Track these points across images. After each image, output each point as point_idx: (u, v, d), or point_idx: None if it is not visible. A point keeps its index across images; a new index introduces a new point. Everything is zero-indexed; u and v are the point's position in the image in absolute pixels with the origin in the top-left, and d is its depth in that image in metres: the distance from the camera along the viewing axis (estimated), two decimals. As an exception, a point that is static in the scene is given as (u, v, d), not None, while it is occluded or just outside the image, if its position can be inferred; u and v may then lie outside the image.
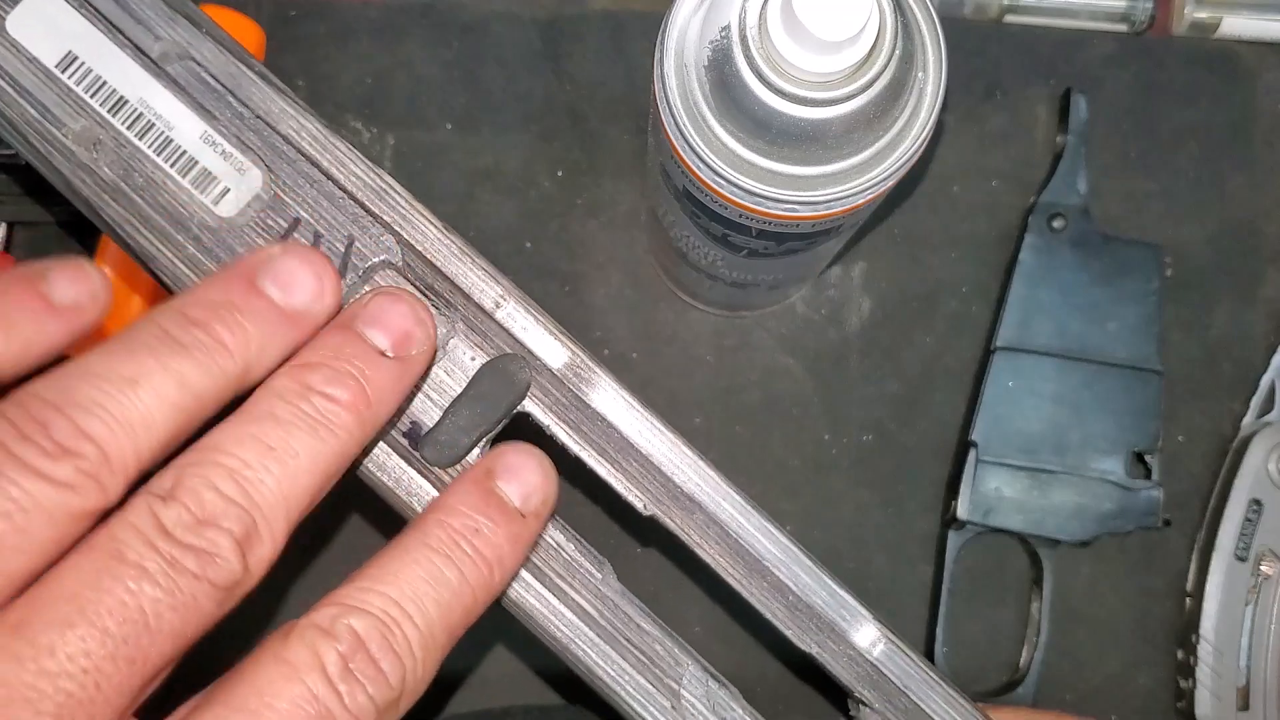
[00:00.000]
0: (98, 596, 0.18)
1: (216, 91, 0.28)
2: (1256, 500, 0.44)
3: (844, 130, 0.27)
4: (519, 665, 0.44)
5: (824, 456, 0.46)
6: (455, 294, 0.28)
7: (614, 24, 0.47)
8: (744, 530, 0.29)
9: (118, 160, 0.28)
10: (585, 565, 0.28)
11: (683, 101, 0.28)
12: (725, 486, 0.29)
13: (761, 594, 0.29)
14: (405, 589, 0.22)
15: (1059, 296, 0.45)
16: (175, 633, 0.19)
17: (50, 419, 0.19)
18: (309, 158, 0.28)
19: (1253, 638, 0.43)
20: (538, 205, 0.46)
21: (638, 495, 0.29)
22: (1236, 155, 0.48)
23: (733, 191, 0.29)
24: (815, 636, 0.29)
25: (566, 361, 0.28)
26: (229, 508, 0.20)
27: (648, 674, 0.28)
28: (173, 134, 0.28)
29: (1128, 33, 0.48)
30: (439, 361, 0.28)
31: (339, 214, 0.28)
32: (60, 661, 0.18)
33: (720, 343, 0.47)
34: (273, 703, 0.19)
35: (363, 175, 0.28)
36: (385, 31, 0.47)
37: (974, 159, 0.47)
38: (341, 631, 0.21)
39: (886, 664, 0.29)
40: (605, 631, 0.28)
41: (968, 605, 0.45)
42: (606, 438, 0.29)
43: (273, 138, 0.28)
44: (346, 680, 0.20)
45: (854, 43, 0.26)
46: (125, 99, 0.28)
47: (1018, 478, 0.44)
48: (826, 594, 0.29)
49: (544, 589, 0.28)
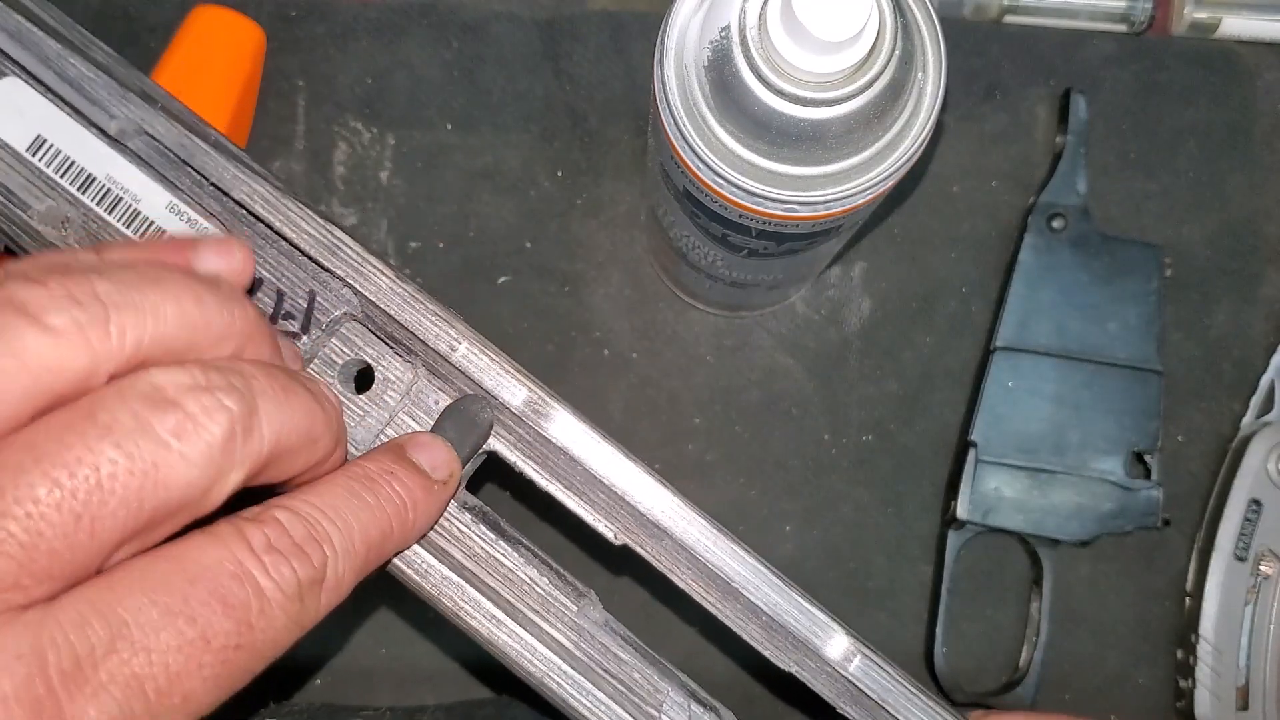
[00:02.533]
0: (56, 450, 0.19)
1: (174, 162, 0.29)
2: (1256, 500, 0.44)
3: (844, 130, 0.27)
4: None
5: (824, 456, 0.46)
6: (414, 340, 0.29)
7: (614, 24, 0.47)
8: (711, 554, 0.29)
9: (86, 235, 0.28)
10: (560, 599, 0.28)
11: (683, 102, 0.28)
12: (689, 511, 0.29)
13: (737, 616, 0.29)
14: (328, 499, 0.24)
15: (1059, 296, 0.45)
16: (126, 501, 0.20)
17: (57, 276, 0.20)
18: (263, 220, 0.29)
19: (1252, 638, 0.43)
20: (538, 205, 0.46)
21: (607, 525, 0.29)
22: (1236, 155, 0.48)
23: (733, 191, 0.29)
24: (793, 655, 0.29)
25: (525, 399, 0.29)
26: (228, 390, 0.21)
27: (626, 703, 0.28)
28: (140, 205, 0.28)
29: (1127, 33, 0.48)
30: (405, 408, 0.29)
31: (299, 271, 0.29)
32: (8, 503, 0.18)
33: (720, 343, 0.47)
34: (199, 558, 0.21)
35: (314, 233, 0.29)
36: (385, 31, 0.47)
37: (974, 159, 0.47)
38: (267, 518, 0.22)
39: (863, 680, 0.29)
40: (581, 664, 0.28)
41: (968, 605, 0.45)
42: (571, 471, 0.29)
43: (228, 203, 0.29)
44: (270, 553, 0.21)
45: (854, 43, 0.26)
46: (93, 176, 0.28)
47: (1018, 478, 0.44)
48: (798, 611, 0.29)
49: (516, 625, 0.28)
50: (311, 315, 0.29)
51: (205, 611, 0.20)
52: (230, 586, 0.21)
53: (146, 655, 0.19)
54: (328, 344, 0.29)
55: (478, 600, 0.28)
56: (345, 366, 0.29)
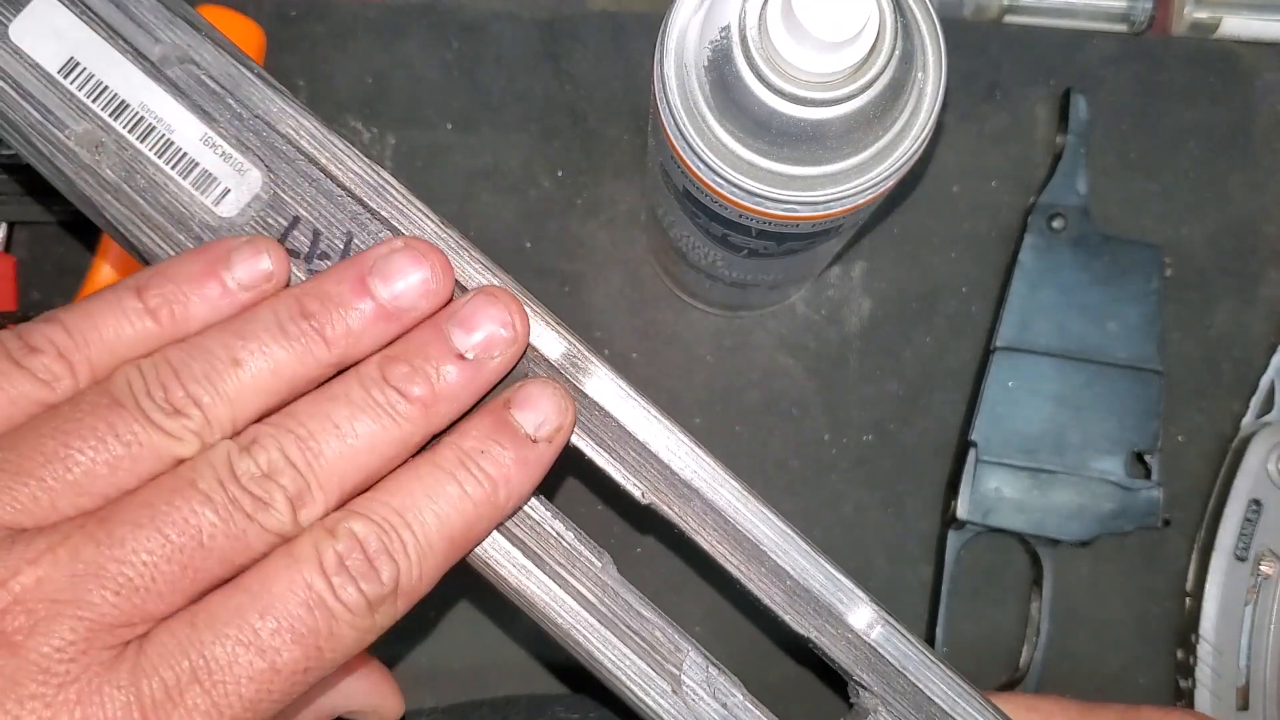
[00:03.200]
0: (168, 510, 0.23)
1: (216, 94, 0.28)
2: (1256, 500, 0.44)
3: (844, 130, 0.27)
4: (523, 655, 0.44)
5: (824, 456, 0.46)
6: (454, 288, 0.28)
7: (614, 24, 0.47)
8: (741, 516, 0.29)
9: (120, 162, 0.28)
10: (585, 554, 0.28)
11: (683, 102, 0.28)
12: (722, 473, 0.29)
13: (760, 579, 0.29)
14: (406, 500, 0.25)
15: (1059, 296, 0.45)
16: (223, 558, 0.23)
17: (169, 384, 0.24)
18: (308, 156, 0.28)
19: (1252, 638, 0.43)
20: (538, 205, 0.46)
21: (635, 484, 0.29)
22: (1236, 155, 0.48)
23: (733, 191, 0.29)
24: (813, 620, 0.29)
25: (564, 352, 0.29)
26: (288, 468, 0.24)
27: (649, 659, 0.28)
28: (173, 136, 0.28)
29: (1128, 33, 0.48)
30: None
31: (338, 211, 0.28)
32: (127, 552, 0.22)
33: (720, 343, 0.47)
34: (271, 587, 0.23)
35: (360, 172, 0.28)
36: (385, 31, 0.47)
37: (974, 159, 0.47)
38: (342, 532, 0.24)
39: (884, 646, 0.29)
40: (606, 618, 0.28)
41: (968, 605, 0.45)
42: (604, 427, 0.29)
43: (272, 137, 0.28)
44: (340, 573, 0.23)
45: (854, 43, 0.26)
46: (126, 103, 0.28)
47: (1018, 478, 0.44)
48: (824, 577, 0.29)
49: (545, 576, 0.28)
50: (348, 257, 0.28)
51: (275, 643, 0.23)
52: (299, 615, 0.23)
53: (223, 686, 0.22)
54: None
55: (508, 549, 0.28)
56: None
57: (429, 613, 0.45)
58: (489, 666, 0.44)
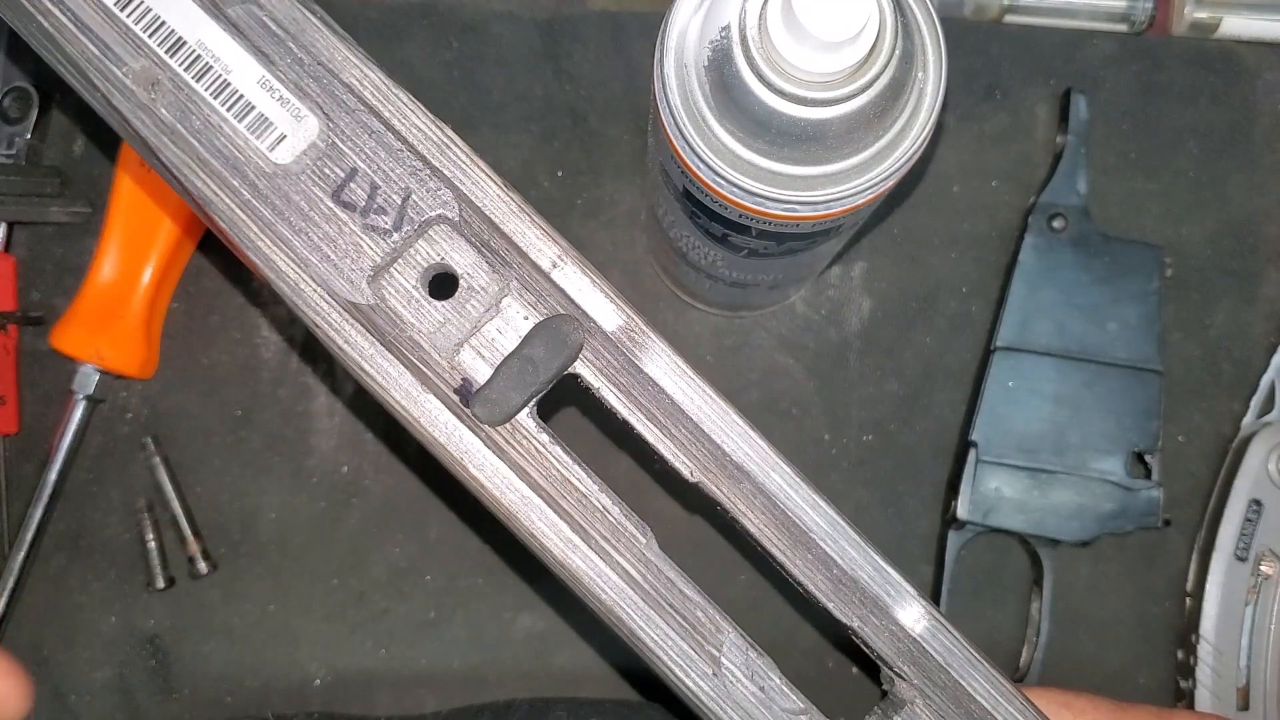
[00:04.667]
0: None
1: (277, 36, 0.28)
2: (1256, 500, 0.44)
3: (844, 130, 0.27)
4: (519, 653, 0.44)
5: (824, 456, 0.46)
6: (511, 252, 0.28)
7: (614, 24, 0.47)
8: (791, 501, 0.28)
9: (175, 102, 0.27)
10: (630, 529, 0.28)
11: (683, 101, 0.28)
12: (775, 457, 0.28)
13: (806, 566, 0.28)
14: None
15: (1059, 296, 0.45)
16: None
17: None
18: (370, 107, 0.28)
19: (1253, 638, 0.43)
20: (538, 205, 0.46)
21: (684, 462, 0.28)
22: (1236, 155, 0.48)
23: (733, 191, 0.29)
24: (858, 611, 0.29)
25: (621, 325, 0.28)
26: None
27: (690, 640, 0.28)
28: (230, 77, 0.27)
29: (1128, 33, 0.48)
30: (491, 320, 0.28)
31: (397, 166, 0.28)
32: None
33: (720, 343, 0.47)
34: None
35: (424, 128, 0.28)
36: (385, 31, 0.47)
37: (974, 159, 0.47)
38: None
39: (929, 641, 0.28)
40: (649, 596, 0.28)
41: (968, 605, 0.45)
42: (656, 403, 0.28)
43: (333, 85, 0.28)
44: None
45: (854, 43, 0.26)
46: (184, 40, 0.27)
47: (1018, 478, 0.44)
48: (872, 569, 0.29)
49: (590, 551, 0.28)
50: (405, 213, 0.28)
51: None
52: None
53: None
54: (415, 244, 0.28)
55: (555, 522, 0.28)
56: (428, 270, 0.28)
57: (429, 615, 0.45)
58: (488, 665, 0.44)
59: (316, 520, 0.45)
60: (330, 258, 0.28)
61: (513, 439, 0.28)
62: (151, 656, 0.44)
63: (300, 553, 0.45)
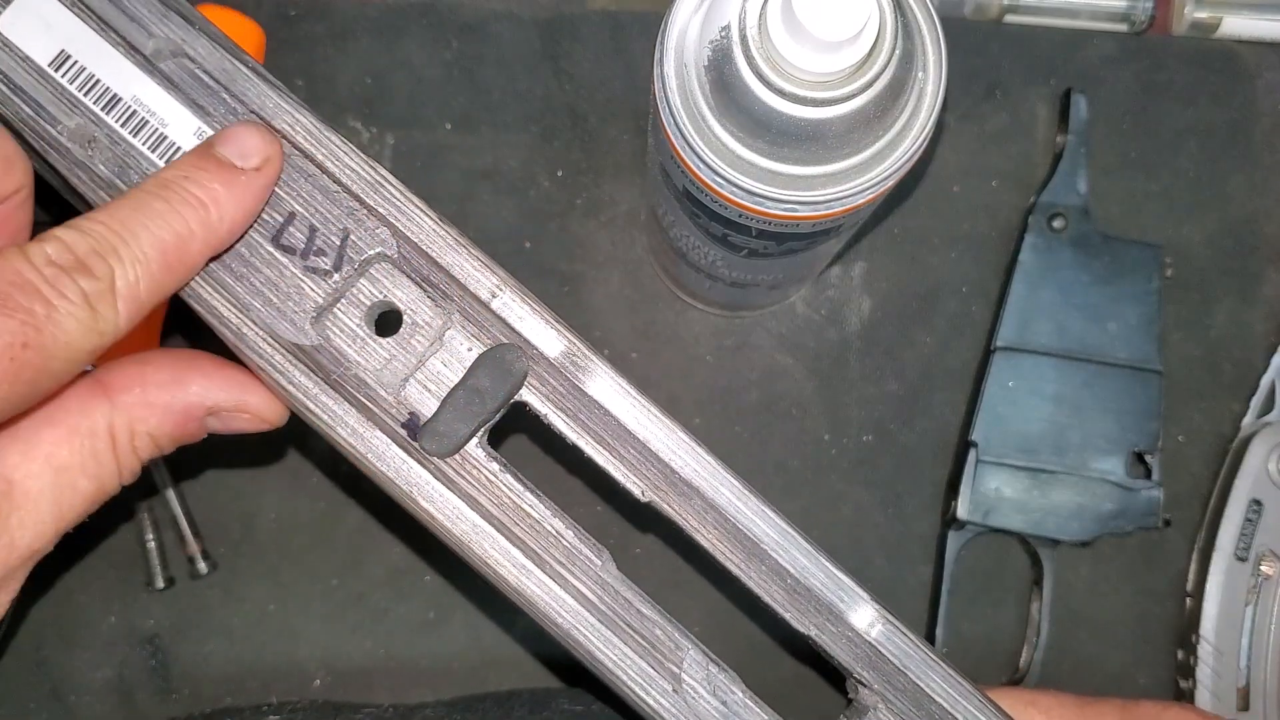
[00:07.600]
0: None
1: (210, 88, 0.28)
2: (1256, 500, 0.44)
3: (844, 130, 0.27)
4: (520, 651, 0.44)
5: (824, 456, 0.46)
6: (451, 285, 0.28)
7: (614, 24, 0.47)
8: (741, 514, 0.29)
9: (113, 157, 0.28)
10: (585, 552, 0.28)
11: (683, 101, 0.28)
12: (723, 472, 0.29)
13: (760, 578, 0.29)
14: (115, 214, 0.25)
15: (1059, 296, 0.45)
16: None
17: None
18: (304, 152, 0.28)
19: (1253, 638, 0.43)
20: (538, 205, 0.46)
21: (635, 482, 0.29)
22: (1236, 155, 0.48)
23: (733, 191, 0.29)
24: (814, 619, 0.29)
25: (563, 350, 0.29)
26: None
27: (649, 658, 0.28)
28: (166, 131, 0.28)
29: (1128, 33, 0.48)
30: (435, 353, 0.28)
31: (334, 208, 0.28)
32: None
33: (720, 343, 0.47)
34: None
35: (358, 168, 0.28)
36: (385, 31, 0.47)
37: (974, 159, 0.47)
38: (50, 237, 0.25)
39: (885, 644, 0.29)
40: (606, 617, 0.28)
41: (968, 605, 0.45)
42: (604, 426, 0.29)
43: None
44: (50, 267, 0.24)
45: (854, 43, 0.26)
46: (119, 96, 0.28)
47: (1018, 478, 0.44)
48: (824, 576, 0.29)
49: (545, 576, 0.28)
50: (344, 254, 0.28)
51: None
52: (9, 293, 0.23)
53: None
54: (356, 283, 0.28)
55: (507, 549, 0.28)
56: (372, 308, 0.28)
57: (429, 613, 0.45)
58: (488, 665, 0.44)
59: (316, 520, 0.45)
60: (273, 301, 0.28)
61: (462, 469, 0.28)
62: (151, 656, 0.44)
63: (300, 553, 0.45)
